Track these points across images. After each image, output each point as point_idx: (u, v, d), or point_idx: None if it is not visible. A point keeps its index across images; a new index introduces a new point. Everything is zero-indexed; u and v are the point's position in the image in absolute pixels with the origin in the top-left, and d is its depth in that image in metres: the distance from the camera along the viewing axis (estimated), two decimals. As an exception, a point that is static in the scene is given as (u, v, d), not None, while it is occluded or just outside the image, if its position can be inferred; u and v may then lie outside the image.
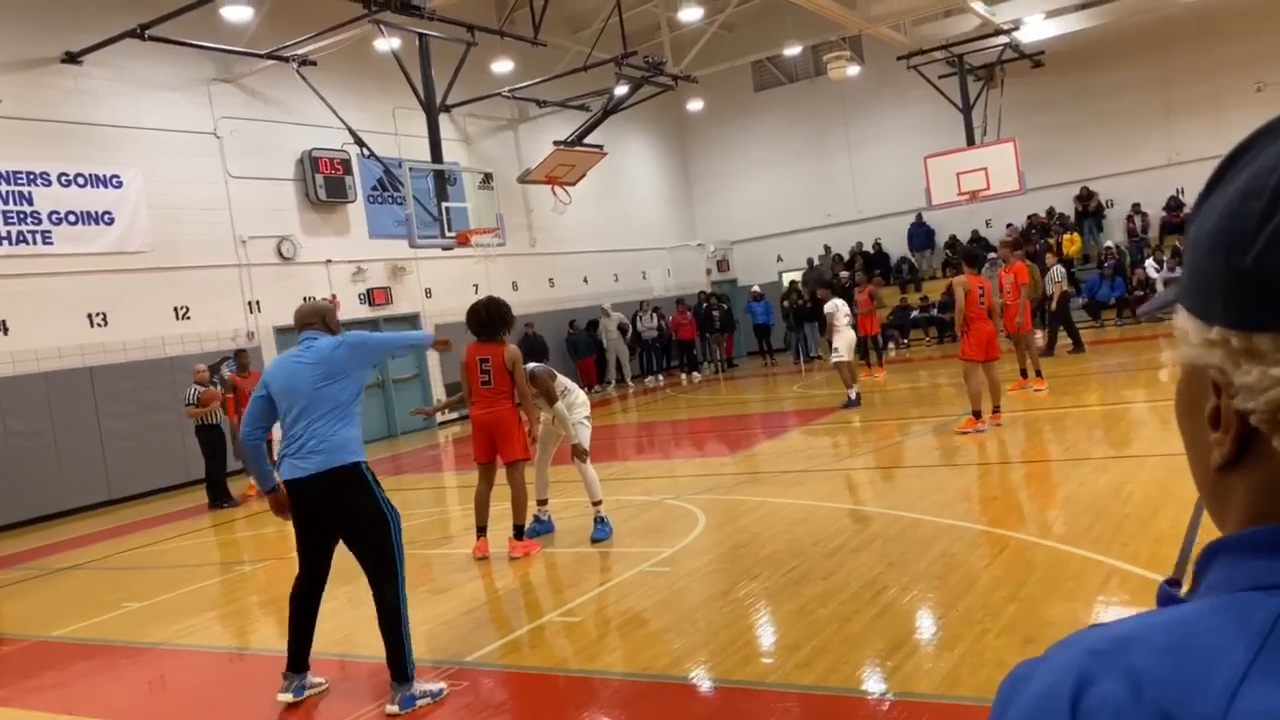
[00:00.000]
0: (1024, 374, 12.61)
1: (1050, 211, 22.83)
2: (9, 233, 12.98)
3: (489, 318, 7.11)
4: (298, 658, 4.81)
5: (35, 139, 13.30)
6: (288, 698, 4.77)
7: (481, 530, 7.31)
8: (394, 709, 4.44)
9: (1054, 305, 15.99)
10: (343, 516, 4.66)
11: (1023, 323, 12.38)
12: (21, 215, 13.13)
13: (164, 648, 6.25)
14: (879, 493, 7.96)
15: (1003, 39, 20.58)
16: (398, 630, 4.53)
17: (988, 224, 23.51)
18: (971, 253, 10.97)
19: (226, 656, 6.05)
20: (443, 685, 4.63)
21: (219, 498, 12.01)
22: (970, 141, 21.20)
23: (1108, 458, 8.00)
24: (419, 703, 4.49)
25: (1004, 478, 8.10)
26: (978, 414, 10.07)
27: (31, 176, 13.25)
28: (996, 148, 20.14)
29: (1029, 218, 22.87)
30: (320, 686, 4.94)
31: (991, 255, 20.15)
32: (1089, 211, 22.60)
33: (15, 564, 10.22)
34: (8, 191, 12.99)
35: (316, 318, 4.88)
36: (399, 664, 4.52)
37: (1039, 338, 15.91)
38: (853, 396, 13.51)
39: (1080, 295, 21.03)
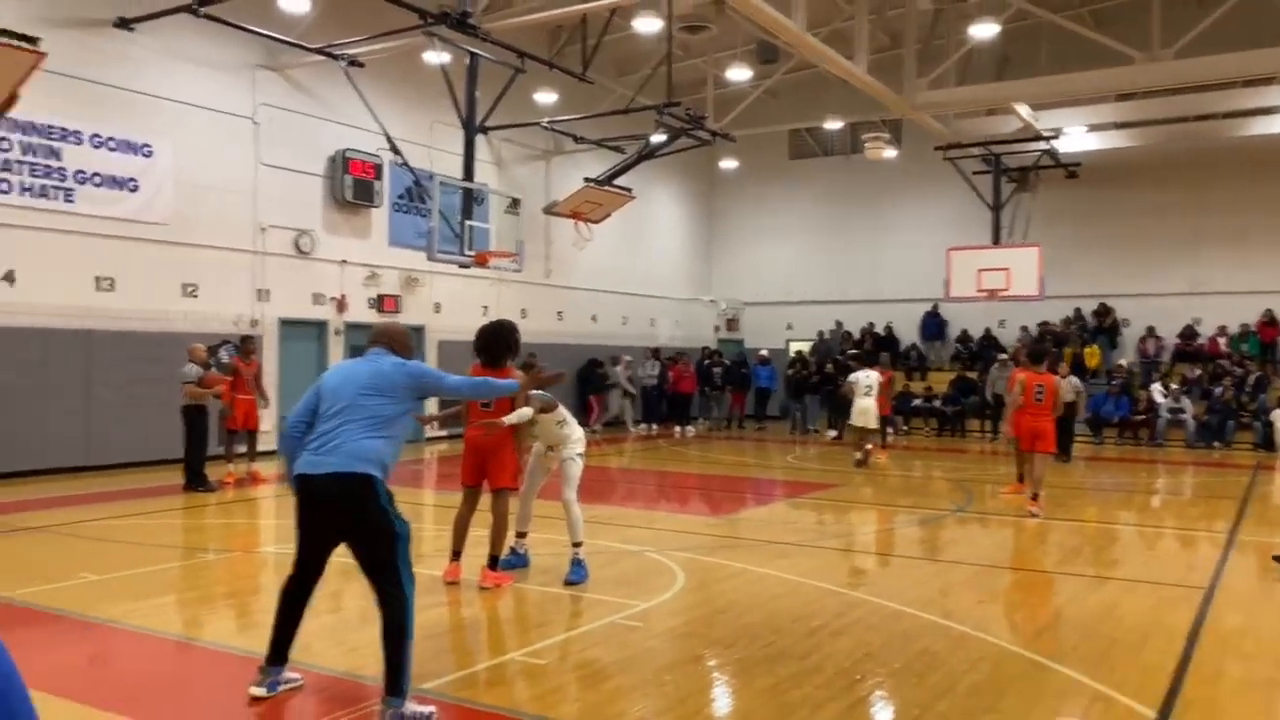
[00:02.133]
0: (1021, 479, 12.47)
1: (1069, 320, 22.79)
2: (32, 184, 12.93)
3: (497, 341, 6.99)
4: (279, 651, 4.72)
5: (74, 97, 13.29)
6: (260, 691, 4.65)
7: (456, 554, 7.13)
8: None
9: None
10: (349, 524, 4.57)
11: None
12: (48, 170, 13.08)
13: (113, 625, 6.05)
14: (863, 578, 7.79)
15: (1042, 145, 20.72)
16: (401, 644, 4.41)
17: (1001, 324, 23.52)
18: (1036, 350, 11.69)
19: (173, 644, 5.85)
20: (433, 709, 4.45)
21: (196, 480, 11.81)
22: (996, 240, 21.26)
23: (1099, 577, 7.84)
24: None
25: (991, 581, 7.92)
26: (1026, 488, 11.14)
27: (64, 133, 13.23)
28: (1021, 250, 20.16)
29: (1040, 324, 22.83)
30: (295, 682, 4.81)
31: (1002, 356, 20.14)
32: (1104, 328, 22.59)
33: (-22, 516, 10.02)
34: (38, 144, 12.97)
35: (386, 339, 5.01)
36: (395, 678, 4.40)
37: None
38: (858, 456, 15.13)
39: (1085, 409, 20.92)
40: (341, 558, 4.70)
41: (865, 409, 15.08)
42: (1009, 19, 18.13)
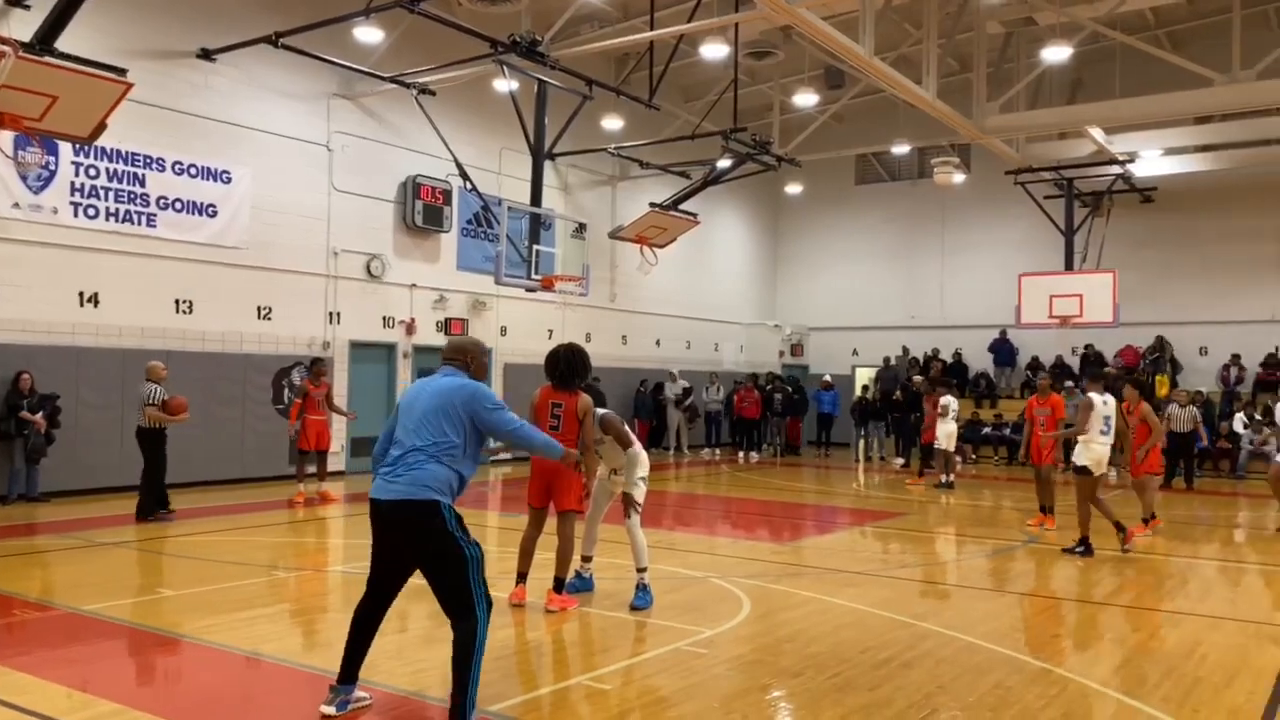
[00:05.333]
0: (1044, 510, 12.18)
1: (1156, 345, 21.96)
2: (117, 210, 13.38)
3: (568, 365, 7.04)
4: (349, 671, 4.77)
5: (158, 126, 13.75)
6: (330, 710, 4.70)
7: (521, 577, 7.16)
8: None
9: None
10: (418, 549, 4.59)
11: (1054, 456, 12.49)
12: (132, 195, 13.54)
13: (188, 640, 6.18)
14: (933, 609, 7.62)
15: (1115, 169, 20.30)
16: (467, 670, 4.42)
17: (1074, 351, 23.00)
18: (1141, 382, 12.68)
19: (244, 659, 5.94)
20: None
21: (148, 510, 11.06)
22: (1069, 266, 20.86)
23: (1180, 612, 7.58)
24: None
25: (1067, 615, 7.70)
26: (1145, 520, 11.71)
27: (148, 160, 13.68)
28: (1095, 276, 19.78)
29: (1119, 353, 22.25)
30: (364, 701, 4.86)
31: (1069, 384, 19.64)
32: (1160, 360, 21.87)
33: (65, 531, 10.35)
34: (123, 171, 13.43)
35: (461, 355, 4.95)
36: (460, 703, 4.42)
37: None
38: (944, 479, 16.00)
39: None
40: (414, 578, 4.74)
41: (952, 433, 15.97)
42: (1082, 41, 17.84)
